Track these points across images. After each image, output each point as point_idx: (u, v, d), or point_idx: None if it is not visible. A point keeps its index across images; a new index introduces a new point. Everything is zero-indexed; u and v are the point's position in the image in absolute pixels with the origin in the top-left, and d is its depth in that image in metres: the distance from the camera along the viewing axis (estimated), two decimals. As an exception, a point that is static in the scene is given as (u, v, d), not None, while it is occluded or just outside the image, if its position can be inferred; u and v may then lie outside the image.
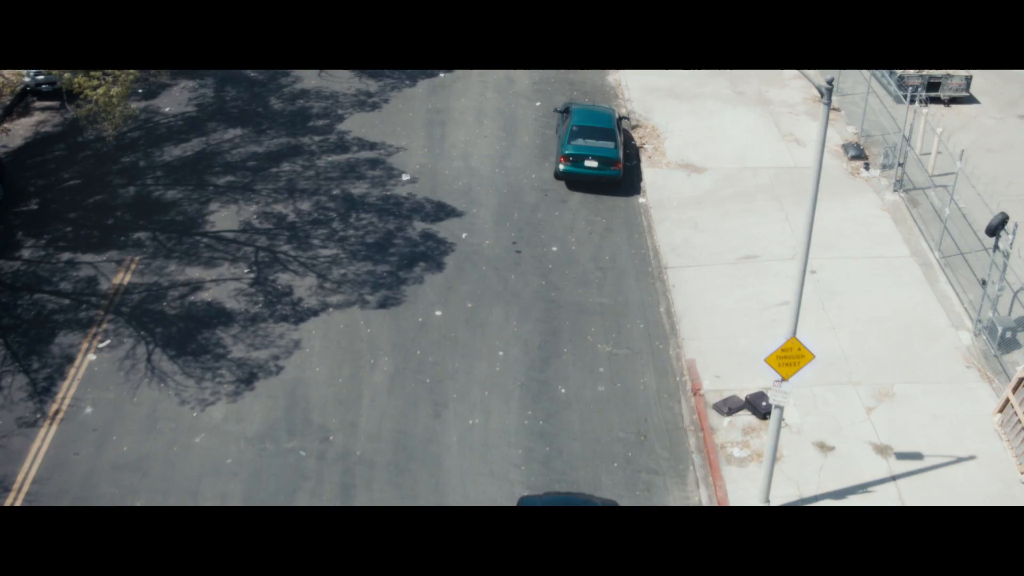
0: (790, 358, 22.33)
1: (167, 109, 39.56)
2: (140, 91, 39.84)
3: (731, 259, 32.74)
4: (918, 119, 37.52)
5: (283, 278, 31.33)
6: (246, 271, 31.55)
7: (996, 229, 28.33)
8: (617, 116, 37.00)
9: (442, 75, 42.41)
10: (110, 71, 29.22)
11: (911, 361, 29.08)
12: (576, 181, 35.48)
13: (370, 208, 34.41)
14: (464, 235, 33.40)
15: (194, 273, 31.50)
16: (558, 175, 35.66)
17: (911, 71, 40.94)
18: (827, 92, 20.98)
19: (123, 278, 31.14)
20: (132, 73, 29.65)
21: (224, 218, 33.89)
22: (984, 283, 29.48)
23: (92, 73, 28.60)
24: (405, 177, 35.99)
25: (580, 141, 35.27)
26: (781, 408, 23.09)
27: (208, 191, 35.21)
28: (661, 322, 30.49)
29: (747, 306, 30.89)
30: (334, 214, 34.22)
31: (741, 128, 39.34)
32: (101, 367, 28.09)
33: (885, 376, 28.53)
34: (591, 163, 34.97)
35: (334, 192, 35.18)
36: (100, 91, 28.42)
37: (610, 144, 35.29)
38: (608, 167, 35.03)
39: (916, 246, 33.56)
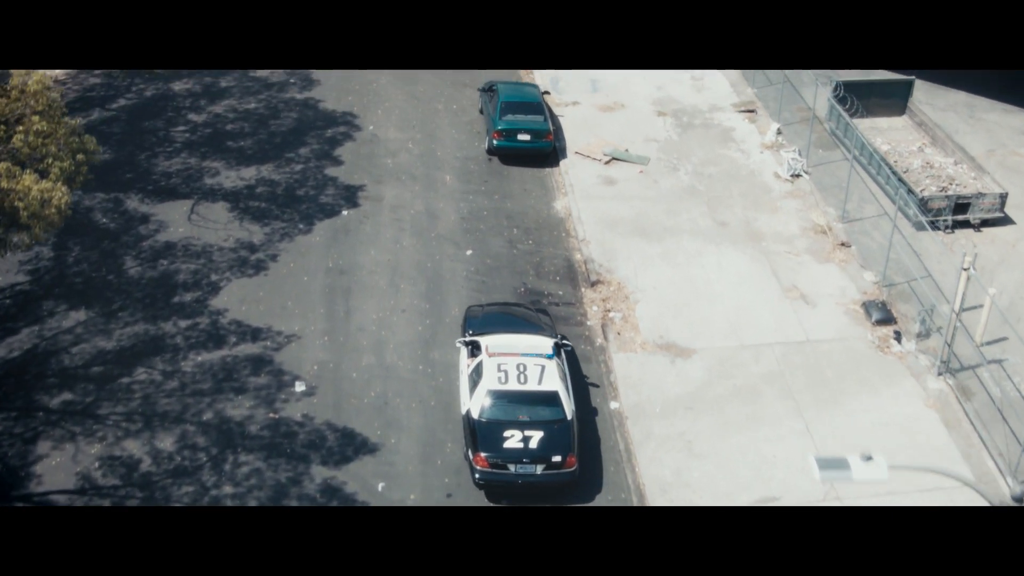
0: None
1: (-7, 279, 30.26)
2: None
3: (743, 504, 24.27)
4: (946, 254, 29.49)
5: (131, 578, 22.23)
6: (80, 566, 22.41)
7: None
8: (541, 90, 38.54)
9: (345, 213, 33.43)
10: None
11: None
12: (510, 155, 35.94)
13: (253, 443, 25.50)
14: (380, 486, 24.69)
15: (8, 569, 22.27)
16: (491, 150, 36.07)
17: (935, 191, 32.75)
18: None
19: (-93, 583, 21.83)
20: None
21: (55, 469, 24.89)
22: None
23: None
24: (299, 387, 27.10)
25: (511, 116, 35.80)
26: None
27: (36, 420, 26.10)
28: (659, 624, 21.87)
29: (774, 589, 22.37)
30: (204, 456, 25.28)
31: (731, 279, 30.88)
32: None
33: None
34: (523, 136, 35.60)
35: (205, 416, 26.20)
36: None
37: (540, 118, 36.02)
38: (540, 139, 35.64)
39: (980, 466, 25.42)
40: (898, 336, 28.67)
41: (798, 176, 35.37)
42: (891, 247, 30.47)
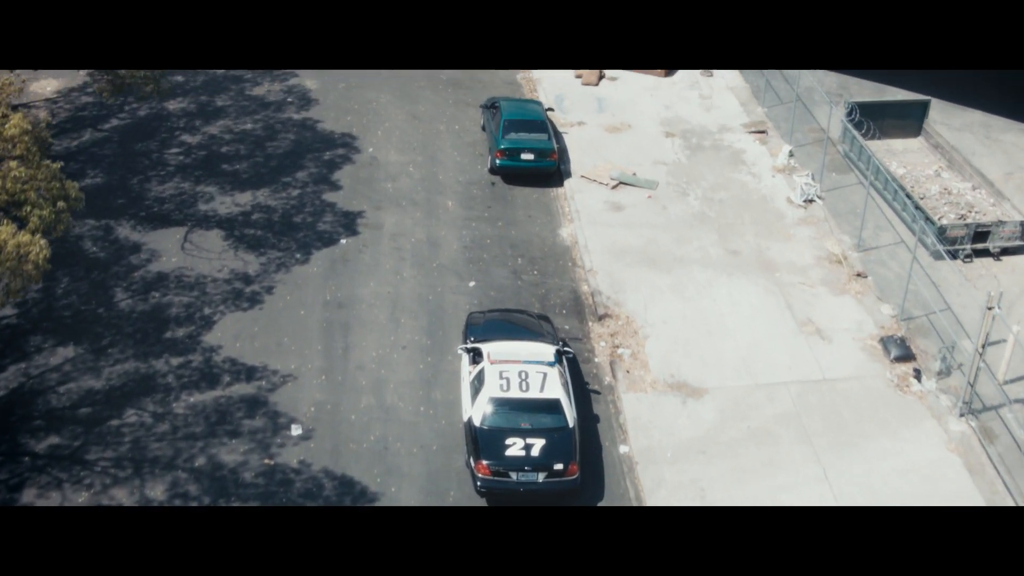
0: None
1: (-21, 313, 29.16)
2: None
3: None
4: (966, 285, 28.36)
5: (118, 640, 21.14)
6: (64, 627, 21.31)
7: None
8: (545, 107, 37.37)
9: (344, 241, 32.33)
10: None
11: None
12: (513, 174, 35.03)
13: (248, 491, 24.45)
14: (381, 538, 23.43)
15: (-11, 630, 21.18)
16: (494, 170, 35.18)
17: (954, 219, 31.68)
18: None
19: None
20: None
21: (39, 518, 23.58)
22: None
23: None
24: (295, 430, 26.02)
25: (514, 135, 34.95)
26: None
27: (22, 466, 25.03)
28: None
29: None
30: (196, 506, 24.14)
31: (743, 313, 29.79)
32: None
33: None
34: (527, 156, 34.71)
35: (198, 462, 25.14)
36: None
37: (543, 136, 35.16)
38: (544, 158, 34.78)
39: (1007, 516, 24.18)
40: (918, 374, 27.59)
41: (811, 201, 34.28)
42: (910, 278, 29.37)
